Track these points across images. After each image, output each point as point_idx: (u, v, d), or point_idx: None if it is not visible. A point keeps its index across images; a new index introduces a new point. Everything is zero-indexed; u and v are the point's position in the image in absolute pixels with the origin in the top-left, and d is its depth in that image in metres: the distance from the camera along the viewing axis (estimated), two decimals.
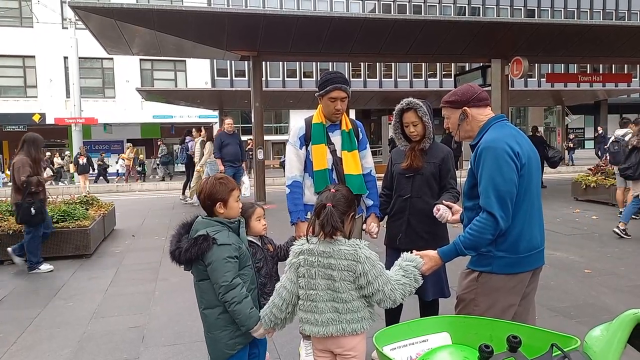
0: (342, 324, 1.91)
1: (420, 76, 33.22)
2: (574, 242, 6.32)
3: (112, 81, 26.05)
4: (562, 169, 18.65)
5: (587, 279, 4.74)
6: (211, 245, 2.08)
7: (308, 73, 31.63)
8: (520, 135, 2.09)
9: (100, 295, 4.59)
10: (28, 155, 5.37)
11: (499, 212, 1.93)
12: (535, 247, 2.06)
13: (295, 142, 2.97)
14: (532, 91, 25.84)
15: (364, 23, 10.22)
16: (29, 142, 5.48)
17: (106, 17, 9.01)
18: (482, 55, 12.25)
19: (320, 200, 2.01)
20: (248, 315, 2.10)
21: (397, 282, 1.95)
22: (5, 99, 24.44)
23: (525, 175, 2.00)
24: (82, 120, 21.27)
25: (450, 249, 2.07)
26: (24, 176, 5.22)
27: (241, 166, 9.57)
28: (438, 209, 2.56)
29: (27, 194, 5.25)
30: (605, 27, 12.01)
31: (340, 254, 1.90)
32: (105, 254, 6.35)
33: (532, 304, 2.22)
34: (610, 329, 1.38)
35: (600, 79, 19.74)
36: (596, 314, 3.79)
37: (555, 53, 12.52)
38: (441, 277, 2.85)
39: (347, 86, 2.85)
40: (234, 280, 2.09)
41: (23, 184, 5.23)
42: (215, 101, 21.35)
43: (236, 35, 10.18)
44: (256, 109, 11.12)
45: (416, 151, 2.85)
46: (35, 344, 3.51)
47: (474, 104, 2.13)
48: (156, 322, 3.88)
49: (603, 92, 24.86)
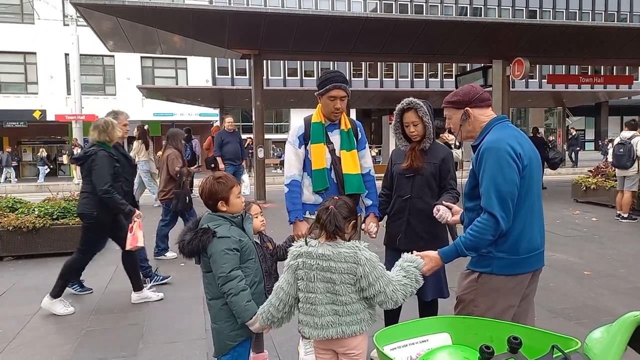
0: (342, 326, 1.91)
1: (422, 76, 33.23)
2: (574, 243, 6.32)
3: (112, 78, 26.02)
4: (562, 171, 18.65)
5: (586, 280, 4.75)
6: (211, 238, 2.16)
7: (309, 72, 31.62)
8: (522, 137, 2.09)
9: (99, 292, 4.59)
10: (177, 149, 5.90)
11: (499, 213, 1.93)
12: (536, 248, 2.06)
13: (294, 141, 2.97)
14: (533, 92, 25.84)
15: (365, 22, 10.21)
16: (172, 136, 6.04)
17: (107, 15, 9.00)
18: (484, 55, 12.24)
19: (323, 205, 2.02)
20: (244, 307, 2.15)
21: (399, 283, 1.95)
22: (6, 95, 24.42)
23: (527, 177, 2.00)
24: (82, 117, 21.23)
25: (451, 250, 2.06)
26: (177, 167, 5.71)
27: (241, 164, 9.57)
28: (438, 210, 2.55)
29: (180, 183, 5.70)
30: (607, 29, 11.99)
31: (340, 256, 1.89)
32: (104, 251, 6.27)
33: (532, 305, 2.22)
34: (610, 331, 1.38)
35: (602, 81, 19.69)
36: (595, 315, 3.79)
37: (557, 54, 12.51)
38: (440, 277, 2.85)
39: (346, 85, 2.85)
40: (231, 272, 2.15)
41: (177, 174, 5.67)
42: (216, 99, 21.33)
43: (237, 33, 10.17)
44: (257, 108, 11.11)
45: (416, 151, 2.84)
46: (35, 340, 3.51)
47: (476, 105, 2.13)
48: (155, 319, 3.88)
49: (604, 93, 24.85)
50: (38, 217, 5.91)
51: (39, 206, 6.23)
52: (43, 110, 24.01)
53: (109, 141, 4.08)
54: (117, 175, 4.02)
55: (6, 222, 5.82)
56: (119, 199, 3.93)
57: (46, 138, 26.33)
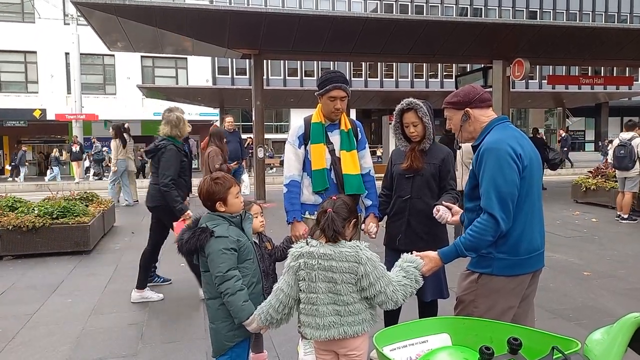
0: (344, 326, 1.91)
1: (422, 76, 33.22)
2: (574, 244, 6.32)
3: (113, 78, 26.01)
4: (562, 171, 18.66)
5: (586, 281, 4.74)
6: (209, 237, 2.17)
7: (309, 72, 31.61)
8: (523, 137, 2.08)
9: (99, 292, 4.59)
10: (217, 147, 6.22)
11: (500, 214, 1.93)
12: (536, 249, 2.06)
13: (294, 141, 2.97)
14: (533, 93, 25.82)
15: (365, 23, 10.21)
16: (214, 135, 6.39)
17: (108, 14, 9.00)
18: (484, 56, 12.23)
19: (321, 207, 2.02)
20: (240, 307, 2.15)
21: (399, 284, 1.95)
22: (7, 94, 24.41)
23: (527, 177, 1.99)
24: (82, 116, 21.25)
25: (451, 250, 2.06)
26: (218, 164, 5.97)
27: (241, 164, 9.58)
28: (438, 210, 2.55)
29: None
30: (608, 30, 11.99)
31: (342, 256, 1.89)
32: (104, 250, 6.35)
33: (532, 306, 2.22)
34: (611, 333, 1.38)
35: (602, 82, 19.65)
36: (595, 316, 3.79)
37: (557, 55, 12.51)
38: (440, 278, 2.85)
39: (346, 85, 2.85)
40: (228, 272, 2.15)
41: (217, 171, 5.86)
42: (216, 99, 21.33)
43: (238, 33, 10.17)
44: (257, 108, 11.11)
45: (416, 152, 2.84)
46: (34, 339, 3.51)
47: (476, 105, 2.13)
48: (155, 319, 3.88)
49: (604, 94, 24.83)
50: (38, 217, 5.91)
51: (39, 205, 6.23)
52: (43, 109, 24.00)
53: (179, 136, 4.25)
54: (183, 170, 4.16)
55: (6, 221, 5.82)
56: (174, 195, 4.02)
57: (46, 137, 26.33)
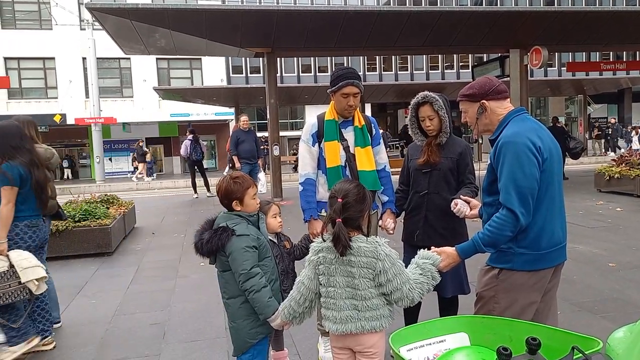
0: (361, 321, 1.91)
1: (437, 68, 32.77)
2: (597, 235, 6.18)
3: (129, 81, 26.38)
4: (584, 160, 18.22)
5: (611, 273, 4.63)
6: (230, 236, 2.18)
7: (323, 68, 31.51)
8: (542, 129, 2.03)
9: (121, 293, 4.67)
10: None
11: (519, 209, 1.89)
12: (557, 242, 2.01)
13: (307, 139, 2.96)
14: (553, 81, 25.22)
15: (378, 16, 10.11)
16: None
17: (122, 18, 9.11)
18: (500, 45, 12.00)
19: (330, 215, 1.96)
20: (266, 303, 2.17)
21: (415, 281, 1.93)
22: (28, 100, 24.99)
23: (547, 170, 1.94)
24: (101, 120, 21.60)
25: (469, 246, 2.03)
26: None
27: (257, 163, 9.61)
28: (456, 204, 2.51)
29: None
30: (629, 13, 11.62)
31: (360, 251, 1.89)
32: (126, 252, 6.46)
33: (554, 301, 2.17)
34: (634, 331, 1.34)
35: (624, 67, 19.05)
36: (621, 309, 3.70)
37: (576, 41, 12.19)
38: (460, 273, 2.81)
39: (359, 82, 2.82)
40: (252, 269, 2.17)
41: None
42: (231, 98, 21.45)
43: (250, 32, 10.19)
44: (271, 106, 11.13)
45: (433, 146, 2.80)
46: (59, 340, 3.58)
47: (492, 97, 2.08)
48: (177, 318, 3.93)
49: (627, 80, 24.10)
50: None
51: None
52: (63, 114, 24.48)
53: None
54: None
55: None
56: None
57: (67, 141, 26.87)
